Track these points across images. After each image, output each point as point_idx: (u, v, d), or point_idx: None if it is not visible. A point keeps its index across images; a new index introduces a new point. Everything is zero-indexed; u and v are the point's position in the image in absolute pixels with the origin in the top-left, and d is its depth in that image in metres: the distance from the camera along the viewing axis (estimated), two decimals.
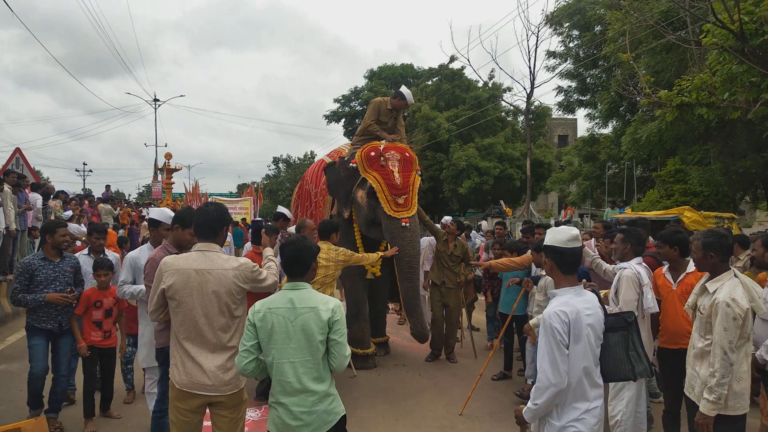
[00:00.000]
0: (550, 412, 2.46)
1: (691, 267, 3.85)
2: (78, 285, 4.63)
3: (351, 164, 6.01)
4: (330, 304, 2.53)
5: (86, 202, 13.75)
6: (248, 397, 2.93)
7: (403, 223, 5.58)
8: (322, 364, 2.51)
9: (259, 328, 2.50)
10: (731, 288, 3.05)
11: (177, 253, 3.35)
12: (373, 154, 5.89)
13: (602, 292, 4.23)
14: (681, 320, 3.74)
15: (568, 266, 2.55)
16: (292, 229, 6.88)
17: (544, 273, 5.05)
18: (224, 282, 2.80)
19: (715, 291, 3.08)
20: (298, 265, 2.62)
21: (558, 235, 2.58)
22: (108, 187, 19.18)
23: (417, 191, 5.84)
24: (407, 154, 5.98)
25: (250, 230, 7.57)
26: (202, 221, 2.95)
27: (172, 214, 4.18)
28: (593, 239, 6.04)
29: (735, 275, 3.14)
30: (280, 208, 6.45)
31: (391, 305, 8.57)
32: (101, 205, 14.58)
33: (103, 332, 4.65)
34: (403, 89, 6.65)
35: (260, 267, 3.07)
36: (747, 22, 6.82)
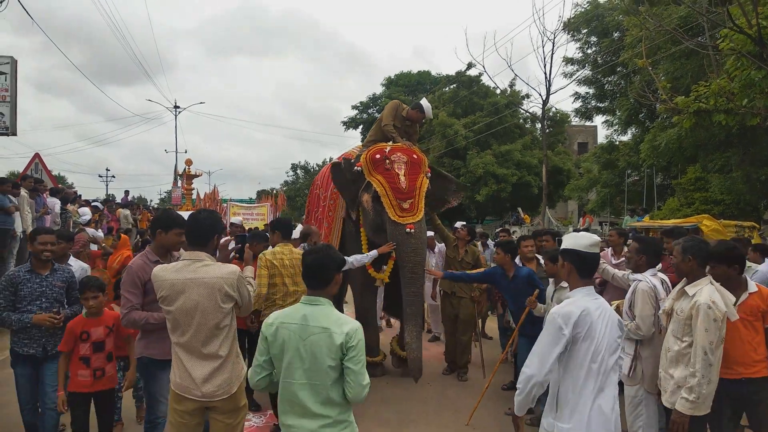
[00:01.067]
0: (559, 416, 2.48)
1: (752, 287, 3.44)
2: (73, 303, 3.98)
3: (356, 167, 5.78)
4: (345, 327, 2.29)
5: (104, 207, 13.94)
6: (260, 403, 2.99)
7: (408, 229, 5.32)
8: (334, 389, 2.30)
9: (271, 342, 2.36)
10: (710, 292, 3.14)
11: (159, 261, 3.29)
12: (378, 156, 5.63)
13: (615, 303, 4.12)
14: (746, 347, 3.30)
15: (587, 271, 2.61)
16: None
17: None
18: (209, 292, 2.78)
19: (694, 294, 3.16)
20: (320, 276, 2.40)
21: (579, 240, 2.63)
22: (127, 192, 19.47)
23: (424, 195, 5.56)
24: (415, 156, 5.71)
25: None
26: (193, 229, 2.92)
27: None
28: (609, 248, 5.80)
29: (711, 282, 3.23)
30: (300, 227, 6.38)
31: (383, 316, 8.48)
32: (120, 210, 14.78)
33: (92, 371, 3.64)
34: (424, 102, 6.36)
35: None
36: (765, 26, 6.67)
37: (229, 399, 2.83)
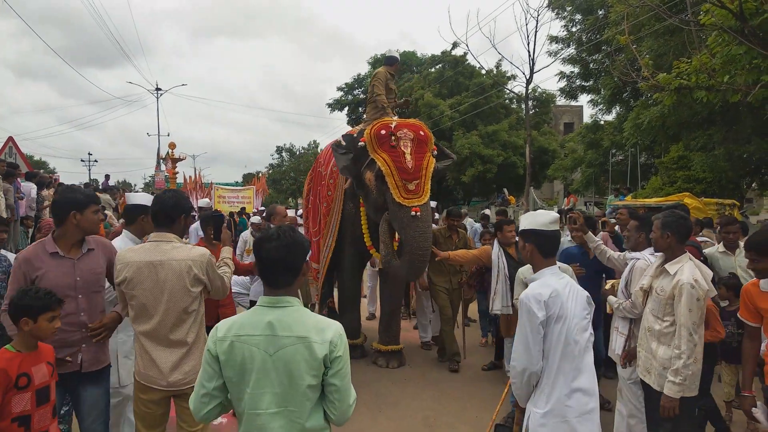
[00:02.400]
0: (535, 401, 2.43)
1: None
2: None
3: (360, 142, 5.38)
4: (328, 333, 1.84)
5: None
6: None
7: (413, 212, 4.97)
8: (314, 415, 1.85)
9: (225, 363, 1.83)
10: (691, 270, 3.05)
11: (57, 253, 2.79)
12: (383, 132, 5.23)
13: (610, 282, 4.10)
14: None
15: (549, 249, 2.55)
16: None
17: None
18: (178, 274, 2.69)
19: (675, 272, 3.08)
20: (284, 270, 1.87)
21: (538, 218, 2.57)
22: (108, 176, 19.09)
23: (430, 176, 5.23)
24: (422, 133, 5.30)
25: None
26: (158, 209, 2.83)
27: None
28: (611, 229, 5.53)
29: (690, 258, 3.15)
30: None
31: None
32: (100, 194, 14.52)
33: None
34: (388, 52, 6.67)
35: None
36: (747, 1, 6.60)
37: None
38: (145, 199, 3.53)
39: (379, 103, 6.04)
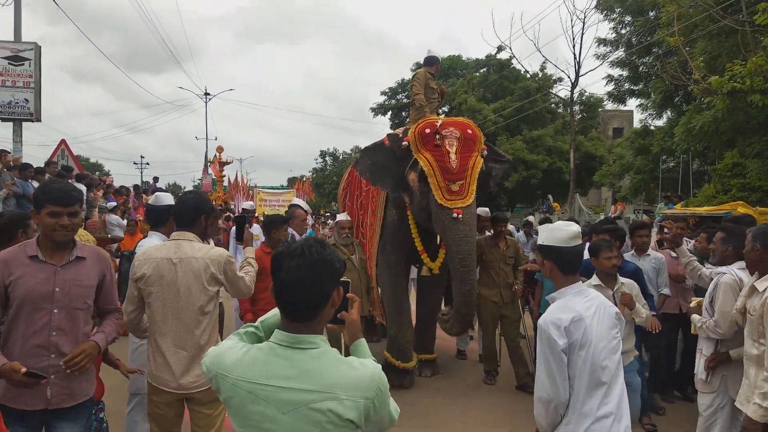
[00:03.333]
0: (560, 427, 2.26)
1: None
2: None
3: (404, 142, 5.16)
4: (362, 386, 1.44)
5: (132, 192, 14.14)
6: None
7: (455, 214, 4.68)
8: None
9: (226, 401, 1.51)
10: None
11: (37, 257, 2.40)
12: (427, 131, 4.97)
13: (696, 300, 3.77)
14: None
15: (570, 267, 2.34)
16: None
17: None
18: (195, 272, 2.70)
19: (765, 289, 2.83)
20: (308, 298, 1.47)
21: (556, 234, 2.34)
22: (156, 179, 19.66)
23: (477, 177, 4.90)
24: (469, 132, 5.02)
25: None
26: (178, 209, 2.91)
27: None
28: (691, 241, 5.08)
29: None
30: (295, 200, 6.22)
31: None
32: (147, 196, 14.98)
33: None
34: (428, 52, 6.20)
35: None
36: None
37: (208, 390, 2.73)
38: (172, 199, 3.52)
39: (417, 102, 5.83)
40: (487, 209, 6.54)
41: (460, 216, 4.70)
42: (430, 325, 5.95)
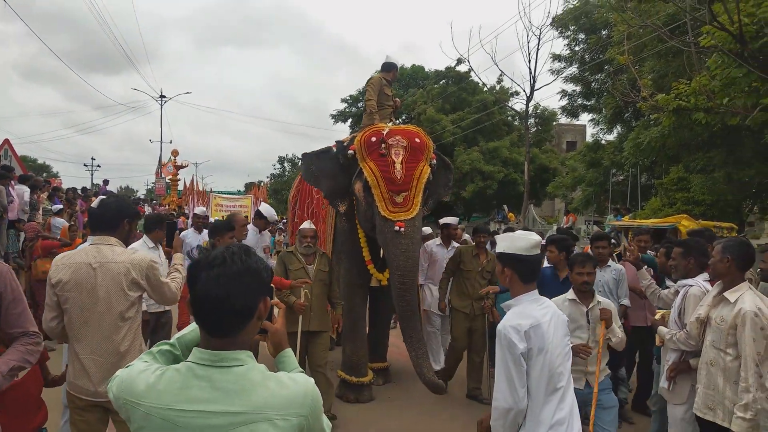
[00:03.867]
0: None
1: None
2: None
3: (349, 151, 4.91)
4: (296, 403, 1.32)
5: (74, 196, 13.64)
6: None
7: (397, 227, 4.44)
8: None
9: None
10: (753, 298, 2.86)
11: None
12: (373, 139, 4.75)
13: (660, 312, 3.80)
14: None
15: (529, 275, 2.38)
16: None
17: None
18: (115, 276, 2.61)
19: (736, 300, 2.89)
20: (229, 311, 1.30)
21: (517, 243, 2.37)
22: (106, 182, 19.06)
23: (423, 188, 4.67)
24: (417, 141, 4.78)
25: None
26: (99, 213, 2.82)
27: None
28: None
29: (749, 287, 2.96)
30: (263, 207, 5.96)
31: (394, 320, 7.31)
32: (95, 199, 14.49)
33: None
34: (387, 59, 5.99)
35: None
36: (747, 24, 6.55)
37: None
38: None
39: (367, 108, 5.66)
40: (456, 218, 6.49)
41: (402, 229, 4.46)
42: (383, 332, 5.89)
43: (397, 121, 5.63)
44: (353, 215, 5.22)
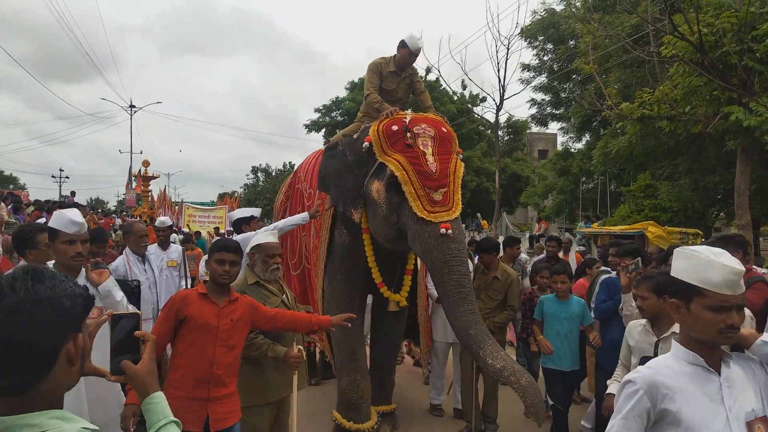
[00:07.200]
0: None
1: None
2: None
3: (363, 143, 3.99)
4: None
5: (36, 208, 13.25)
6: None
7: (443, 230, 3.58)
8: None
9: None
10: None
11: None
12: (395, 128, 3.87)
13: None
14: None
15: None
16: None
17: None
18: None
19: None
20: (13, 359, 0.96)
21: (708, 273, 1.55)
22: (73, 193, 18.61)
23: (460, 184, 3.89)
24: (444, 130, 3.99)
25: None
26: None
27: None
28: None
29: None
30: (241, 212, 5.24)
31: (405, 346, 6.23)
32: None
33: None
34: (407, 37, 4.58)
35: None
36: (706, 34, 6.71)
37: None
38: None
39: (368, 100, 4.50)
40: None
41: (449, 231, 3.61)
42: (388, 369, 4.81)
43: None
44: (357, 226, 4.29)
